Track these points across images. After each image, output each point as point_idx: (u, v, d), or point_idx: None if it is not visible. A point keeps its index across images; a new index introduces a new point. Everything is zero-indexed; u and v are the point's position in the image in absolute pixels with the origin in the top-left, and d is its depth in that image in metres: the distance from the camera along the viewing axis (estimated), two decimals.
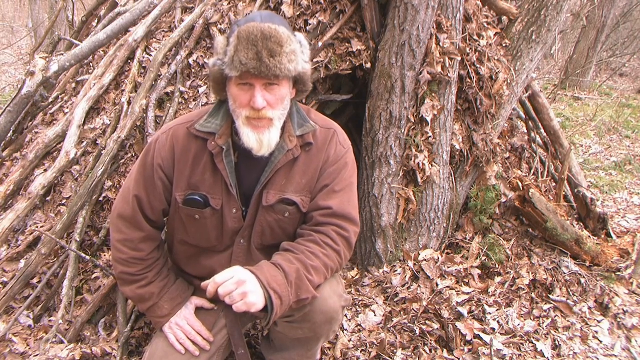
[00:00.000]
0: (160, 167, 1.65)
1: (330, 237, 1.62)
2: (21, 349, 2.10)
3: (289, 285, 1.48)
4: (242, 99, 1.50)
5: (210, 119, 1.63)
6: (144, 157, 1.68)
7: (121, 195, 1.72)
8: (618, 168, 5.43)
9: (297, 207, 1.66)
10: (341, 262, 1.66)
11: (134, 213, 1.67)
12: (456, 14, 2.58)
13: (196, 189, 1.64)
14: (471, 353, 2.19)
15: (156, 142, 1.67)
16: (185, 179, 1.64)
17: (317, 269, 1.55)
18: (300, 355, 1.86)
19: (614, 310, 2.53)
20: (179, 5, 2.80)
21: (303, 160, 1.65)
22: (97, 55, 2.90)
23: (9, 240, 2.46)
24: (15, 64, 9.06)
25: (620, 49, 11.14)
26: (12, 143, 2.84)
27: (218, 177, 1.62)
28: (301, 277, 1.51)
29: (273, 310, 1.44)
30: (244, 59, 1.42)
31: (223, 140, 1.59)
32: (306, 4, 2.52)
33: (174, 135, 1.65)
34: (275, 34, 1.44)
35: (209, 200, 1.63)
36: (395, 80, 2.50)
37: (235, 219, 1.66)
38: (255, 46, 1.42)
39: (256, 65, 1.42)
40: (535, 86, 3.26)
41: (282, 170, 1.63)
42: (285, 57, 1.45)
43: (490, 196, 2.80)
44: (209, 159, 1.62)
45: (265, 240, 1.70)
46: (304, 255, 1.56)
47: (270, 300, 1.44)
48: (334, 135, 1.70)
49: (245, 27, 1.45)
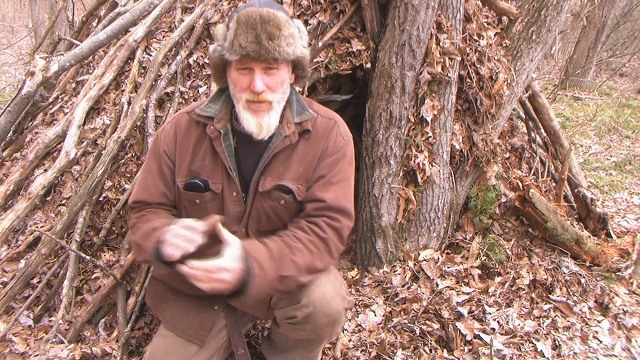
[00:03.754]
0: (165, 153, 1.68)
1: (318, 226, 1.60)
2: (21, 349, 2.10)
3: (271, 259, 1.48)
4: (242, 82, 1.52)
5: (210, 104, 1.66)
6: (154, 146, 1.74)
7: (136, 184, 1.77)
8: (618, 168, 5.43)
9: (293, 195, 1.65)
10: (329, 250, 1.61)
11: (149, 199, 1.70)
12: (456, 14, 2.58)
13: (197, 175, 1.65)
14: (471, 353, 2.19)
15: (162, 131, 1.73)
16: (186, 165, 1.66)
17: (300, 250, 1.54)
18: (302, 356, 1.85)
19: (614, 310, 2.53)
20: (179, 5, 2.80)
21: (302, 148, 1.65)
22: (97, 55, 2.90)
23: (9, 240, 2.46)
24: (15, 64, 9.06)
25: (620, 49, 11.13)
26: (12, 143, 2.84)
27: (218, 161, 1.64)
28: (283, 253, 1.51)
29: (254, 278, 1.42)
30: (243, 42, 1.44)
31: (221, 124, 1.62)
32: (306, 4, 2.52)
33: (177, 122, 1.70)
34: (273, 17, 1.46)
35: (209, 184, 1.65)
36: (395, 80, 2.50)
37: (236, 202, 1.67)
38: (254, 29, 1.44)
39: (255, 48, 1.44)
40: (535, 86, 3.26)
41: (280, 156, 1.63)
42: (284, 40, 1.47)
43: (490, 196, 2.80)
44: (208, 143, 1.64)
45: (261, 226, 1.70)
46: (288, 238, 1.57)
47: (250, 271, 1.42)
48: (335, 126, 1.70)
49: (244, 11, 1.47)
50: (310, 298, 1.59)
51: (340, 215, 1.64)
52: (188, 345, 1.71)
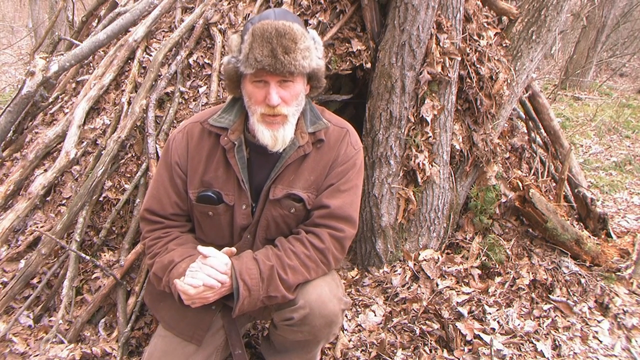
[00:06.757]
0: (177, 164, 1.68)
1: (318, 237, 1.62)
2: (21, 349, 2.10)
3: (261, 280, 1.53)
4: (257, 96, 1.52)
5: (223, 115, 1.65)
6: (164, 155, 1.72)
7: (148, 193, 1.76)
8: (618, 168, 5.43)
9: (304, 204, 1.66)
10: (326, 262, 1.64)
11: (161, 210, 1.70)
12: (456, 14, 2.58)
13: (209, 186, 1.65)
14: (471, 353, 2.19)
15: (173, 140, 1.71)
16: (198, 176, 1.66)
17: (294, 268, 1.57)
18: (300, 357, 1.86)
19: (614, 310, 2.53)
20: (179, 5, 2.80)
21: (313, 156, 1.66)
22: (97, 55, 2.90)
23: (9, 240, 2.46)
24: (15, 64, 9.06)
25: (620, 49, 11.13)
26: (12, 143, 2.84)
27: (230, 173, 1.64)
28: (273, 275, 1.54)
29: (239, 299, 1.50)
30: (259, 56, 1.43)
31: (235, 135, 1.61)
32: (306, 4, 2.52)
33: (189, 132, 1.69)
34: (289, 30, 1.45)
35: (222, 197, 1.65)
36: (395, 80, 2.50)
37: (244, 215, 1.68)
38: (269, 43, 1.43)
39: (271, 62, 1.43)
40: (535, 86, 3.25)
41: (292, 165, 1.64)
42: (300, 54, 1.46)
43: (490, 196, 2.80)
44: (221, 154, 1.64)
45: (269, 234, 1.71)
46: (284, 253, 1.59)
47: (237, 291, 1.50)
48: (346, 135, 1.71)
49: (259, 24, 1.46)
50: (307, 300, 1.60)
51: (344, 224, 1.65)
52: (186, 345, 1.71)
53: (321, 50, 1.58)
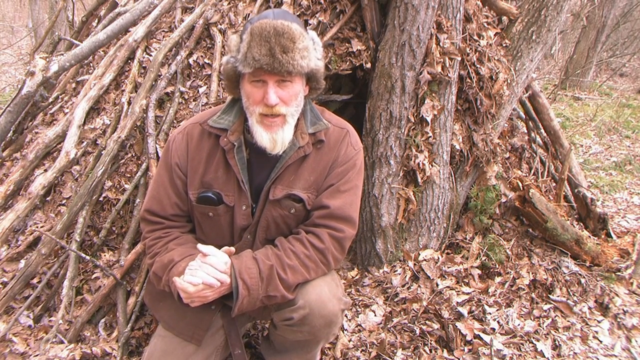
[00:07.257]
0: (177, 165, 1.68)
1: (318, 237, 1.62)
2: (21, 349, 2.10)
3: (261, 280, 1.53)
4: (255, 95, 1.52)
5: (223, 115, 1.65)
6: (164, 156, 1.72)
7: (149, 194, 1.76)
8: (618, 168, 5.43)
9: (304, 204, 1.66)
10: (326, 262, 1.65)
11: (162, 211, 1.71)
12: (456, 14, 2.58)
13: (209, 187, 1.65)
14: (471, 353, 2.19)
15: (173, 141, 1.71)
16: (198, 177, 1.66)
17: (293, 268, 1.58)
18: (300, 357, 1.86)
19: (614, 310, 2.53)
20: (179, 5, 2.80)
21: (313, 157, 1.66)
22: (97, 55, 2.90)
23: (9, 240, 2.46)
24: (15, 64, 9.06)
25: (620, 49, 11.13)
26: (12, 143, 2.84)
27: (230, 174, 1.64)
28: (272, 275, 1.55)
29: (238, 299, 1.50)
30: (257, 55, 1.43)
31: (235, 136, 1.61)
32: (306, 4, 2.52)
33: (189, 133, 1.69)
34: (287, 30, 1.45)
35: (223, 198, 1.65)
36: (395, 80, 2.50)
37: (244, 216, 1.68)
38: (268, 42, 1.43)
39: (269, 62, 1.43)
40: (535, 86, 3.25)
41: (292, 166, 1.64)
42: (298, 53, 1.46)
43: (490, 196, 2.80)
44: (221, 155, 1.64)
45: (269, 234, 1.71)
46: (284, 253, 1.59)
47: (236, 290, 1.50)
48: (347, 136, 1.71)
49: (258, 23, 1.46)
50: (307, 300, 1.60)
51: (343, 224, 1.65)
52: (185, 345, 1.71)
53: (320, 51, 1.58)
